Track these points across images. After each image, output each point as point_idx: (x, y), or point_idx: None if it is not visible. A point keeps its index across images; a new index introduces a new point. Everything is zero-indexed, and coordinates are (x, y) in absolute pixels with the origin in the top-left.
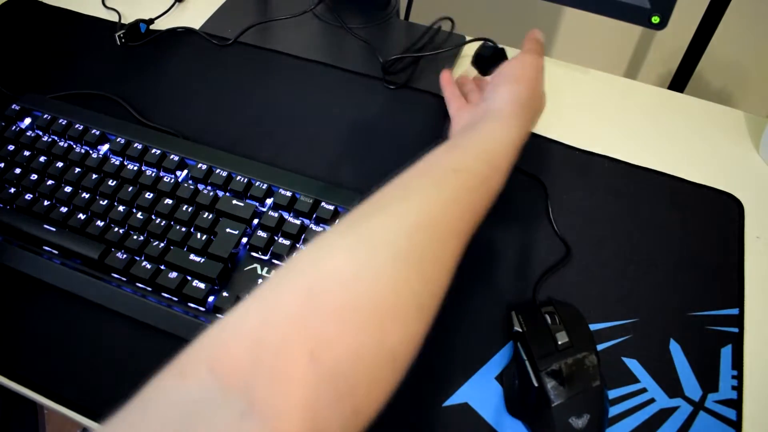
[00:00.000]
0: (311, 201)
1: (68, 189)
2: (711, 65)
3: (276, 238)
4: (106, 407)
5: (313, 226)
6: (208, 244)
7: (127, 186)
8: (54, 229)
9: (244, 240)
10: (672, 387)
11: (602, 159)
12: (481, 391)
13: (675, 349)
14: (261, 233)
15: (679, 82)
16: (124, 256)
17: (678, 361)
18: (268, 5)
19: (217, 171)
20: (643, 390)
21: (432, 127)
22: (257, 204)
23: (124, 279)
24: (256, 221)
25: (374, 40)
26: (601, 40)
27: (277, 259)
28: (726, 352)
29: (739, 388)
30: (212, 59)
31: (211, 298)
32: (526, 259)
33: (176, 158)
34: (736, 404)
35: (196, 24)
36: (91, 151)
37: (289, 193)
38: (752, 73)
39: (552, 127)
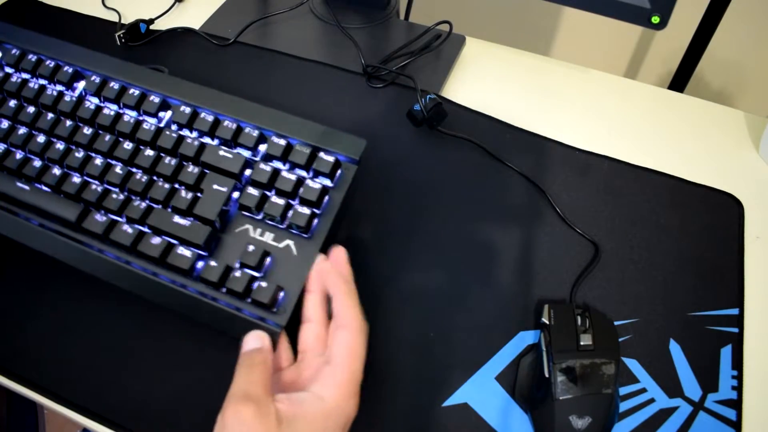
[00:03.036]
0: (308, 151)
1: (42, 139)
2: (711, 65)
3: (269, 194)
4: (105, 407)
5: (309, 182)
6: (194, 202)
7: (104, 135)
8: (27, 188)
9: (236, 194)
10: (672, 387)
11: (602, 159)
12: (481, 391)
13: (675, 349)
14: (252, 190)
15: (679, 82)
16: (104, 218)
17: (678, 361)
18: (268, 5)
19: (203, 115)
20: (643, 390)
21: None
22: (248, 153)
23: (104, 245)
24: (248, 172)
25: (372, 39)
26: (601, 40)
27: (271, 220)
28: (726, 352)
29: (739, 388)
30: (212, 59)
31: (200, 264)
32: (526, 259)
33: (157, 99)
34: (736, 404)
35: (196, 24)
36: (65, 92)
37: (283, 142)
38: (752, 73)
39: (552, 127)
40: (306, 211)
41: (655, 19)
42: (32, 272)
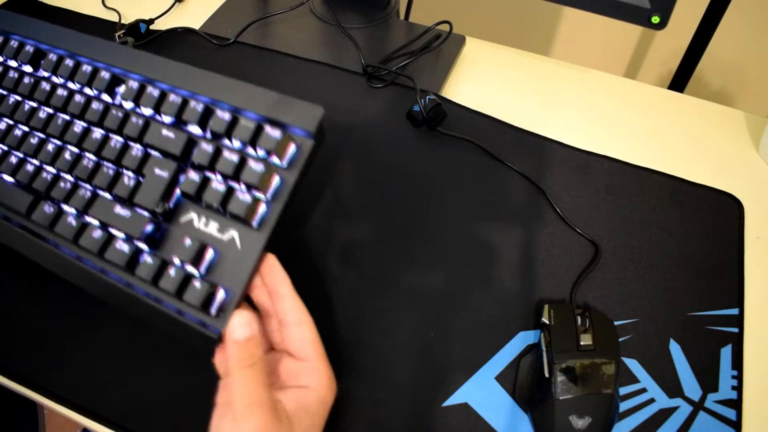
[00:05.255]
0: (253, 126)
1: (2, 126)
2: (711, 65)
3: (212, 179)
4: (105, 407)
5: (251, 163)
6: (135, 190)
7: (57, 117)
8: None
9: (183, 177)
10: (672, 387)
11: (602, 159)
12: (481, 391)
13: (675, 349)
14: (193, 175)
15: (679, 82)
16: (51, 209)
17: (678, 361)
18: (268, 5)
19: (149, 90)
20: (643, 390)
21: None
22: (198, 130)
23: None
24: (195, 149)
25: (372, 39)
26: (601, 40)
27: (212, 207)
28: (726, 352)
29: (739, 388)
30: (212, 59)
31: (145, 252)
32: (526, 259)
33: (107, 75)
34: (736, 404)
35: (196, 24)
36: (25, 73)
37: (227, 116)
38: (752, 73)
39: (552, 127)
40: (247, 198)
41: (655, 19)
42: (32, 272)
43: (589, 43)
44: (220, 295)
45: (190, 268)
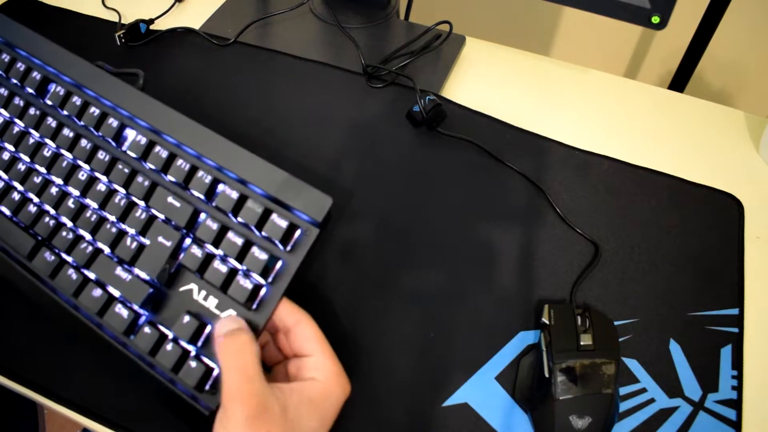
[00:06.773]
0: (260, 210)
1: (6, 156)
2: (711, 65)
3: (214, 255)
4: (105, 407)
5: (256, 251)
6: (138, 255)
7: (62, 160)
8: None
9: (188, 240)
10: (672, 387)
11: (602, 159)
12: (481, 391)
13: (675, 349)
14: (195, 250)
15: (679, 82)
16: (52, 257)
17: (678, 361)
18: (268, 5)
19: (157, 150)
20: (643, 390)
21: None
22: (198, 201)
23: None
24: (200, 218)
25: (372, 39)
26: (601, 40)
27: (212, 285)
28: (726, 352)
29: (739, 388)
30: (212, 59)
31: (142, 320)
32: (526, 259)
33: (116, 123)
34: (736, 404)
35: (196, 24)
36: (31, 102)
37: (235, 194)
38: (752, 73)
39: (552, 127)
40: (248, 285)
41: (655, 19)
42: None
43: (589, 43)
44: (215, 372)
45: (186, 345)
